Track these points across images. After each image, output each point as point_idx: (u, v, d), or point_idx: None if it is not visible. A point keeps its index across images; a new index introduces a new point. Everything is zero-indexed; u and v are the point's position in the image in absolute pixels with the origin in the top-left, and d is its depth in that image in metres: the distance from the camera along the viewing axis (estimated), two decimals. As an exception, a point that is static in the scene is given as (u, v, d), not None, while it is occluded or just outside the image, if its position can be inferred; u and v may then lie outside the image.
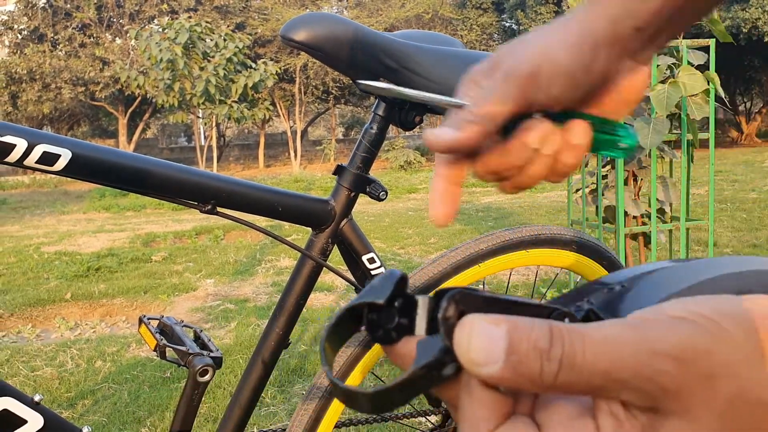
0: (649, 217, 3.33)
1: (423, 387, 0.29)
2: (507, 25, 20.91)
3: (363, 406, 0.30)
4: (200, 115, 17.28)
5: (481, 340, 0.27)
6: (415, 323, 0.31)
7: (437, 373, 0.28)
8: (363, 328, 0.32)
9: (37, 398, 0.95)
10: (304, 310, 2.09)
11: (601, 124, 0.49)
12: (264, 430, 1.92)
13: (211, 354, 1.13)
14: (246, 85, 14.65)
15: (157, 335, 1.17)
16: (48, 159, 0.93)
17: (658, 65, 3.14)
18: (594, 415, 0.27)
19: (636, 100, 0.51)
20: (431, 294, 0.31)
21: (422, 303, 0.31)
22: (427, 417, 1.62)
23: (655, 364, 0.25)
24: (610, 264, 1.38)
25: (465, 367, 0.27)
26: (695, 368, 0.26)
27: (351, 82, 1.10)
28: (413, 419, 1.86)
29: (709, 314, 0.27)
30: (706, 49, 3.23)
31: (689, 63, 3.15)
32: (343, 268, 1.26)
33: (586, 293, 0.34)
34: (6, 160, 0.92)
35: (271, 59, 18.56)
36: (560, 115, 0.48)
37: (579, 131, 0.48)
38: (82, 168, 0.96)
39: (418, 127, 1.17)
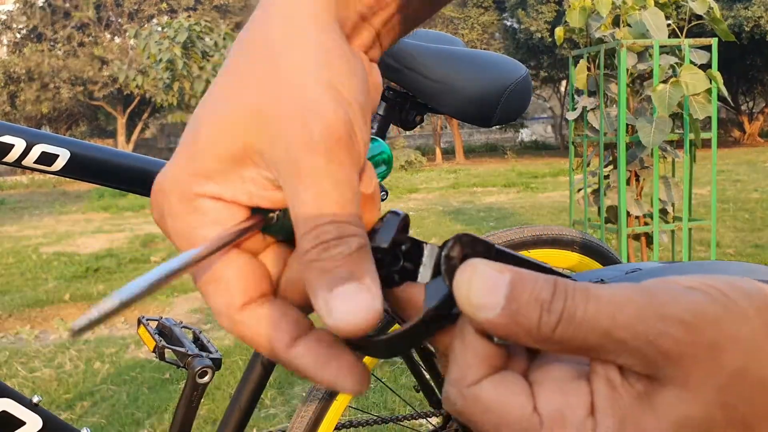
0: (652, 218, 3.32)
1: (432, 330, 0.29)
2: (508, 24, 20.92)
3: (374, 352, 0.30)
4: (200, 115, 17.30)
5: (482, 282, 0.26)
6: (419, 270, 0.31)
7: (447, 313, 0.28)
8: None
9: (35, 400, 0.94)
10: (305, 311, 2.05)
11: None
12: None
13: (211, 355, 1.12)
14: (245, 85, 14.66)
15: (156, 336, 1.16)
16: (46, 159, 0.92)
17: (660, 65, 3.14)
18: (589, 379, 0.26)
19: (375, 107, 0.37)
20: (440, 243, 0.30)
21: (429, 251, 0.30)
22: (428, 419, 1.61)
23: (660, 327, 0.24)
24: (612, 265, 1.37)
25: (462, 309, 0.27)
26: (701, 335, 0.25)
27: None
28: (414, 421, 1.85)
29: (722, 287, 0.26)
30: (708, 48, 3.23)
31: (691, 62, 3.14)
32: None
33: (600, 274, 0.34)
34: (4, 160, 0.91)
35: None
36: None
37: (367, 174, 0.32)
38: (80, 168, 0.95)
39: (419, 126, 1.17)
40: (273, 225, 0.32)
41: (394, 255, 0.31)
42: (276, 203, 0.31)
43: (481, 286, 0.26)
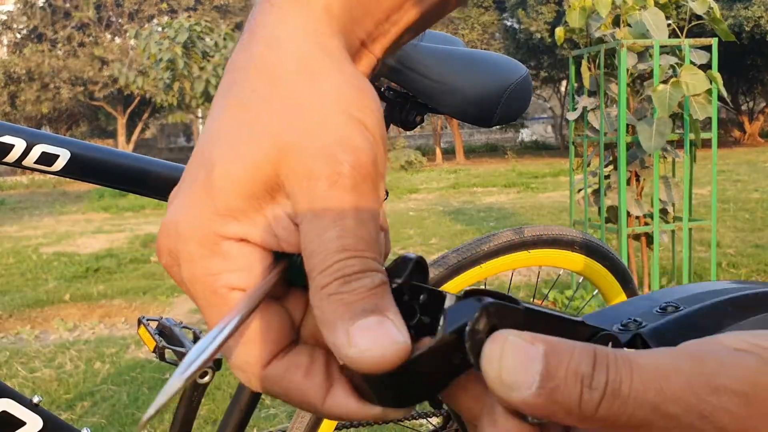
0: (652, 218, 3.32)
1: (448, 367, 0.26)
2: (508, 24, 20.91)
3: (379, 393, 0.27)
4: (199, 115, 17.29)
5: (514, 359, 0.23)
6: (438, 324, 0.27)
7: (473, 338, 0.25)
8: None
9: (35, 400, 0.94)
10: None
11: None
12: (264, 432, 1.91)
13: (211, 356, 1.11)
14: (246, 85, 14.67)
15: (156, 336, 1.16)
16: (47, 159, 0.92)
17: (660, 65, 3.13)
18: None
19: None
20: (460, 293, 0.27)
21: (449, 301, 0.27)
22: (428, 419, 1.61)
23: (714, 400, 0.22)
24: (613, 265, 1.37)
25: (492, 389, 0.24)
26: (758, 407, 0.22)
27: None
28: (414, 421, 1.85)
29: None
30: (708, 48, 3.22)
31: (692, 62, 3.14)
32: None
33: (632, 311, 0.32)
34: (5, 160, 0.91)
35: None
36: None
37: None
38: (81, 168, 0.95)
39: (419, 126, 1.16)
40: (294, 269, 0.29)
41: (410, 307, 0.28)
42: (299, 246, 0.29)
43: (513, 362, 0.23)
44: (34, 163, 0.91)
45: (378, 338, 0.26)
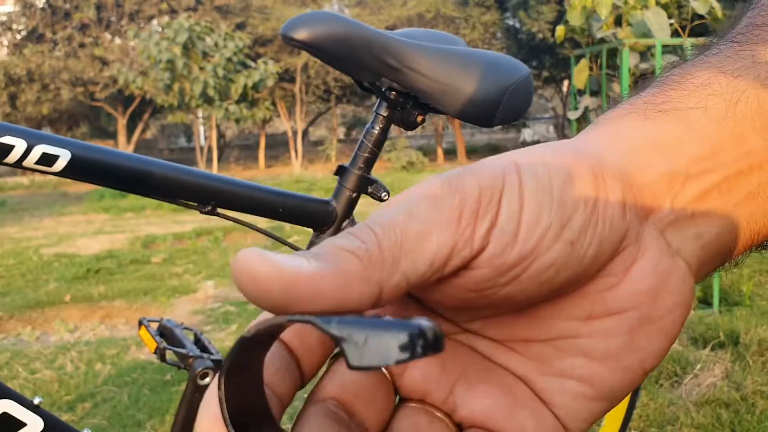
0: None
1: None
2: (509, 23, 20.91)
3: None
4: (200, 116, 17.30)
5: None
6: None
7: None
8: None
9: (36, 401, 0.94)
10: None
11: None
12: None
13: (212, 357, 1.11)
14: (246, 86, 14.66)
15: (157, 338, 1.16)
16: (47, 160, 0.92)
17: (663, 65, 3.13)
18: None
19: (663, 324, 0.26)
20: None
21: None
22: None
23: None
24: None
25: None
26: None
27: (353, 81, 1.09)
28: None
29: None
30: (709, 48, 3.22)
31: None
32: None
33: None
34: (5, 161, 0.91)
35: (272, 58, 18.56)
36: None
37: None
38: (81, 169, 0.95)
39: (420, 126, 1.16)
40: None
41: None
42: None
43: None
44: (35, 163, 0.91)
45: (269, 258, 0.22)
